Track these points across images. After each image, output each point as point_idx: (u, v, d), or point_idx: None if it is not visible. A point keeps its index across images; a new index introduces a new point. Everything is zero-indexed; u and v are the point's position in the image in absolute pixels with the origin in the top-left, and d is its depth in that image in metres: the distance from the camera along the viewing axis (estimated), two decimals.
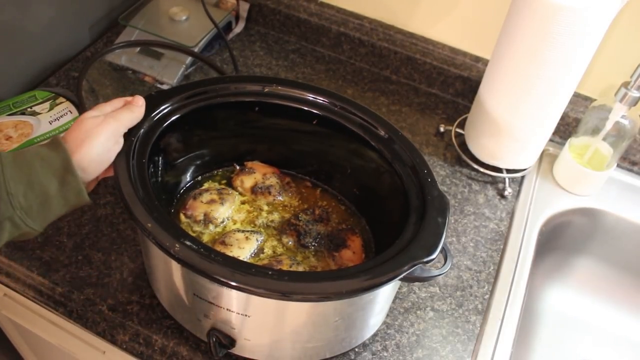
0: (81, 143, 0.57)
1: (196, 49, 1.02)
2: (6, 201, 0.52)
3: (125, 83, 1.00)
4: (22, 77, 0.96)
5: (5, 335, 1.04)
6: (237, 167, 0.81)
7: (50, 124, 0.86)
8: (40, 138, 0.84)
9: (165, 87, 1.00)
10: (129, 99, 0.65)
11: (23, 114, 0.87)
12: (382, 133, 0.72)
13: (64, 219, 0.79)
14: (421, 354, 0.72)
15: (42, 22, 0.95)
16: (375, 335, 0.72)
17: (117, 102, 0.64)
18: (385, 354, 0.71)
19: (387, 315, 0.75)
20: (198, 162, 0.78)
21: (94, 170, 0.59)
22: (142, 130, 0.65)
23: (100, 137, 0.58)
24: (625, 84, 0.82)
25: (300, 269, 0.68)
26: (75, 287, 0.72)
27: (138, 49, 1.02)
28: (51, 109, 0.88)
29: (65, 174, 0.55)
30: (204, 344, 0.68)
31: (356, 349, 0.71)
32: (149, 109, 0.66)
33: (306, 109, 0.74)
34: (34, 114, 0.87)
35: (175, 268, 0.60)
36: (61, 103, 0.89)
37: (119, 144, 0.61)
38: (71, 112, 0.88)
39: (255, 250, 0.70)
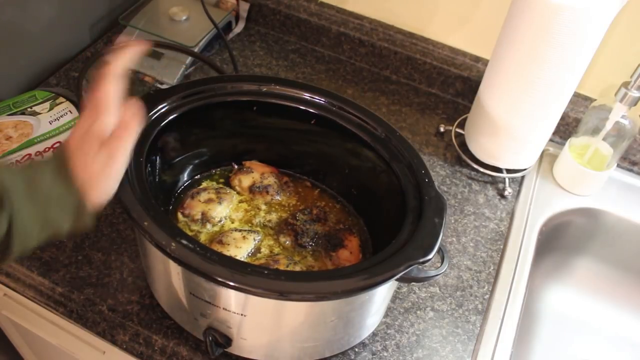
0: (94, 185, 0.54)
1: (196, 49, 1.02)
2: (22, 240, 0.51)
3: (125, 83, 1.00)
4: (22, 77, 0.96)
5: (5, 335, 1.04)
6: (235, 167, 0.81)
7: (50, 124, 0.86)
8: (40, 138, 0.84)
9: (165, 87, 1.00)
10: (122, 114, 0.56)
11: (23, 113, 0.87)
12: (380, 133, 0.72)
13: None
14: (421, 354, 0.72)
15: (42, 22, 0.95)
16: (375, 335, 0.72)
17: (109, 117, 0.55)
18: (385, 353, 0.71)
19: (387, 315, 0.74)
20: (196, 162, 0.78)
21: (110, 194, 0.56)
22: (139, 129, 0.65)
23: (111, 179, 0.55)
24: (625, 84, 0.81)
25: (297, 268, 0.68)
26: (75, 287, 0.72)
27: None
28: (51, 109, 0.88)
29: (80, 215, 0.54)
30: (203, 344, 0.68)
31: (356, 349, 0.71)
32: (147, 108, 0.66)
33: (304, 108, 0.73)
34: (34, 114, 0.87)
35: (172, 267, 0.60)
36: (61, 103, 0.89)
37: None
38: (71, 112, 0.88)
39: (253, 250, 0.70)
